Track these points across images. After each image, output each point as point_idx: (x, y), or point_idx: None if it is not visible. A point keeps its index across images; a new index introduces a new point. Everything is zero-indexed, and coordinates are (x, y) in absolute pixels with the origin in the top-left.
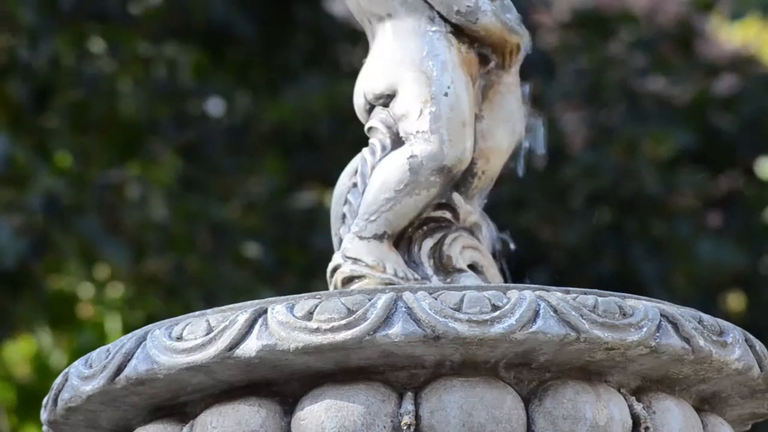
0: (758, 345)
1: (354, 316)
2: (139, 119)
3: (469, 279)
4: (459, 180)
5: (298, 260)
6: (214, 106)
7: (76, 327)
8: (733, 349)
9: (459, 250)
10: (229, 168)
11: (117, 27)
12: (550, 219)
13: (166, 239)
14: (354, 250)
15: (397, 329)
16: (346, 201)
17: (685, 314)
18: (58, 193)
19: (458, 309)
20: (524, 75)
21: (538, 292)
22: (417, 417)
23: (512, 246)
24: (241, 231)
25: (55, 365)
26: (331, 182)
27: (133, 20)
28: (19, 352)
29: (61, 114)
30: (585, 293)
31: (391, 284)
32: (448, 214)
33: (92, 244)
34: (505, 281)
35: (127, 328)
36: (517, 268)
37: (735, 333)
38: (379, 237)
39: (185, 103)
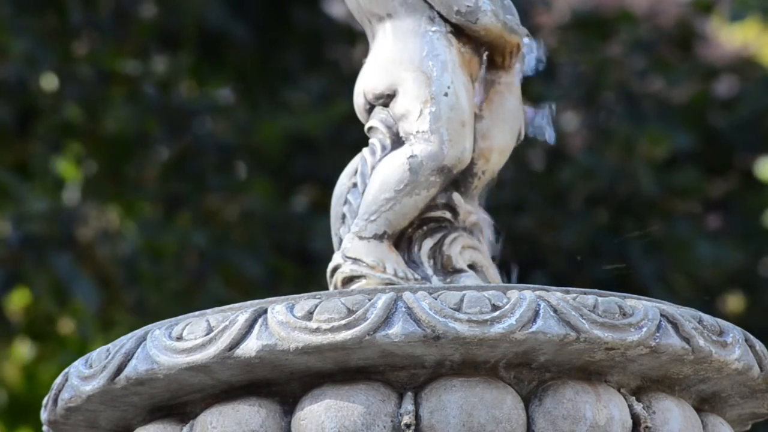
0: (758, 345)
1: (354, 316)
2: (127, 135)
3: (469, 279)
4: (459, 180)
5: (291, 273)
6: (208, 120)
7: (57, 343)
8: (733, 349)
9: (459, 250)
10: (218, 186)
11: (106, 43)
12: (548, 221)
13: (134, 275)
14: (354, 250)
15: (397, 329)
16: (346, 201)
17: (685, 314)
18: (33, 215)
19: (458, 309)
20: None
21: (538, 292)
22: (417, 417)
23: (497, 230)
24: (232, 245)
25: (44, 374)
26: (330, 185)
27: (124, 33)
28: (10, 359)
29: (46, 136)
30: (585, 293)
31: (391, 284)
32: (448, 214)
33: (63, 283)
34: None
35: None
36: (518, 271)
37: (735, 333)
38: (379, 237)
39: (178, 116)
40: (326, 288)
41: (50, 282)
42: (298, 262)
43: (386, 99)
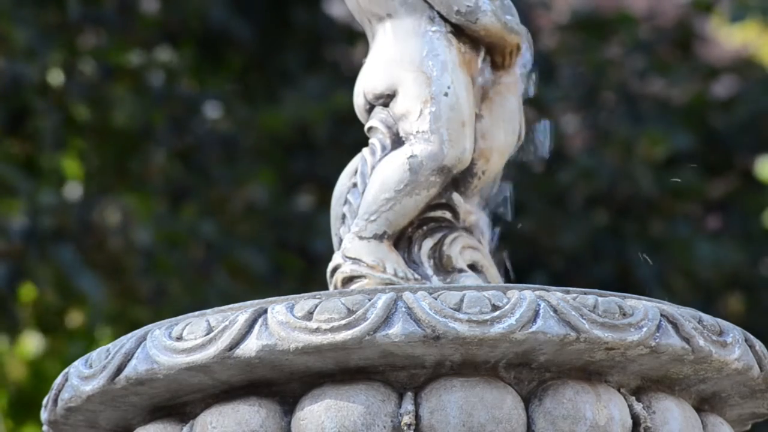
0: (758, 345)
1: (354, 316)
2: (133, 127)
3: (469, 279)
4: (459, 180)
5: (295, 267)
6: (211, 111)
7: (65, 336)
8: (733, 348)
9: (459, 250)
10: (222, 178)
11: (111, 36)
12: (548, 223)
13: (149, 263)
14: (354, 250)
15: (397, 329)
16: (346, 201)
17: (685, 314)
18: (45, 209)
19: (458, 309)
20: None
21: (538, 292)
22: (417, 417)
23: (508, 218)
24: (237, 239)
25: (50, 369)
26: (329, 185)
27: (128, 28)
28: (16, 355)
29: (50, 127)
30: (585, 293)
31: (391, 284)
32: (448, 214)
33: (68, 276)
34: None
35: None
36: (517, 272)
37: (735, 333)
38: (379, 237)
39: (182, 109)
40: (327, 287)
41: (54, 275)
42: (301, 259)
43: (386, 99)
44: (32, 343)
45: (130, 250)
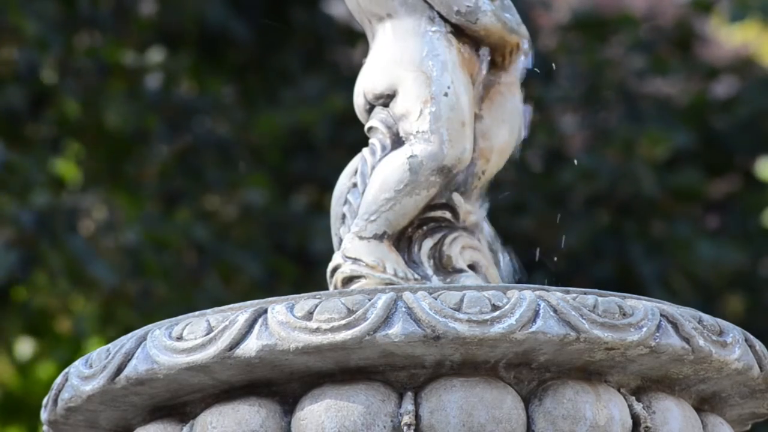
0: (758, 345)
1: (354, 316)
2: (127, 130)
3: (469, 279)
4: (459, 180)
5: (290, 273)
6: (208, 114)
7: (53, 340)
8: (733, 348)
9: (459, 250)
10: (218, 182)
11: (107, 40)
12: (548, 222)
13: (137, 264)
14: (354, 250)
15: (397, 329)
16: (346, 201)
17: (685, 314)
18: (52, 207)
19: (458, 309)
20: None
21: (538, 292)
22: (417, 417)
23: (511, 255)
24: (231, 243)
25: (39, 372)
26: (329, 185)
27: (124, 30)
28: (6, 357)
29: (52, 124)
30: (585, 293)
31: (391, 284)
32: (448, 214)
33: (80, 263)
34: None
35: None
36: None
37: (735, 333)
38: (379, 237)
39: (178, 112)
40: (326, 288)
41: (66, 262)
42: (297, 262)
43: (386, 99)
44: (22, 346)
45: (118, 252)
